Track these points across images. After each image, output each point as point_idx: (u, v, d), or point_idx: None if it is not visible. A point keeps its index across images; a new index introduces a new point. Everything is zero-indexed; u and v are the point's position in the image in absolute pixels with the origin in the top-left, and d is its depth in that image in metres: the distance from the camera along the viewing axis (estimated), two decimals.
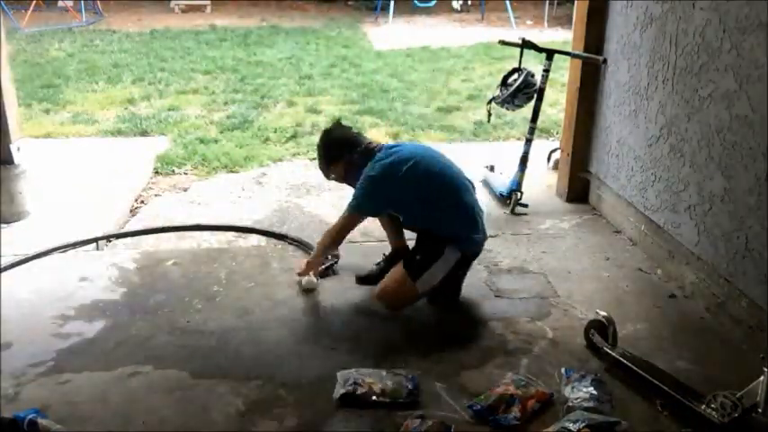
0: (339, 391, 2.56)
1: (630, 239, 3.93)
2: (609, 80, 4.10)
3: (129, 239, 3.98)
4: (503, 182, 4.53)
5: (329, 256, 3.47)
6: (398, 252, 3.41)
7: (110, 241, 3.91)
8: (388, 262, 3.41)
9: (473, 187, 3.30)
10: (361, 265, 3.53)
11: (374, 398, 2.53)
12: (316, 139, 4.03)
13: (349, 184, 3.34)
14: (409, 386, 2.58)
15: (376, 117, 6.34)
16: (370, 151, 3.23)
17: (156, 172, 5.02)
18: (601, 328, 2.85)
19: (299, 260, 3.51)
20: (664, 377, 2.61)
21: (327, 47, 9.57)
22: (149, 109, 6.58)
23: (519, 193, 4.35)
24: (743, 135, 2.91)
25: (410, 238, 3.41)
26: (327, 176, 3.43)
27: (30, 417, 2.36)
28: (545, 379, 2.68)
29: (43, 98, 6.78)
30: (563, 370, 2.70)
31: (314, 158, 5.17)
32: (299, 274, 3.34)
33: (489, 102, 4.61)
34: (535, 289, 3.42)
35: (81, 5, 11.21)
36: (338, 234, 3.25)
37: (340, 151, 3.28)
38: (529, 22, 11.55)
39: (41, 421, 2.36)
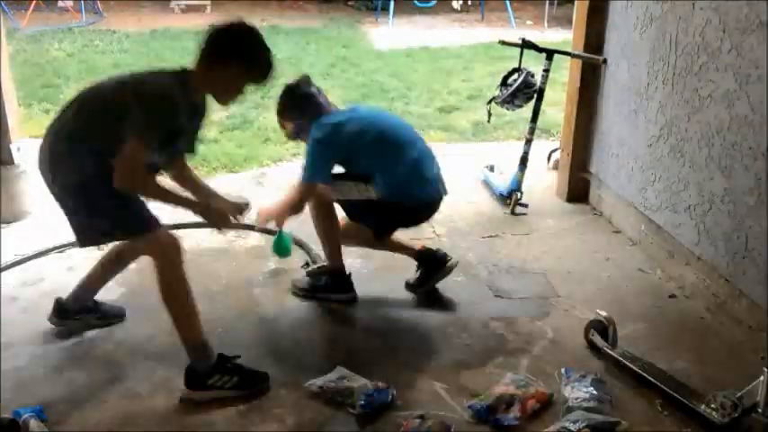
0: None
1: (630, 239, 3.92)
2: (609, 80, 4.10)
3: None
4: (503, 182, 4.53)
5: (319, 264, 3.43)
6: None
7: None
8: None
9: (422, 144, 3.26)
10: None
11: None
12: None
13: (301, 140, 3.29)
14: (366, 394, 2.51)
15: None
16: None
17: None
18: (601, 328, 2.85)
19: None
20: (664, 377, 2.61)
21: (327, 47, 9.55)
22: None
23: (519, 193, 4.35)
24: (743, 135, 2.91)
25: None
26: (281, 127, 3.37)
27: (26, 416, 2.36)
28: (545, 379, 2.68)
29: (43, 98, 6.77)
30: (563, 370, 2.70)
31: None
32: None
33: (489, 102, 4.61)
34: (535, 289, 3.42)
35: (81, 5, 11.19)
36: (297, 206, 3.16)
37: (296, 112, 3.23)
38: (529, 22, 11.53)
39: (33, 422, 2.35)
